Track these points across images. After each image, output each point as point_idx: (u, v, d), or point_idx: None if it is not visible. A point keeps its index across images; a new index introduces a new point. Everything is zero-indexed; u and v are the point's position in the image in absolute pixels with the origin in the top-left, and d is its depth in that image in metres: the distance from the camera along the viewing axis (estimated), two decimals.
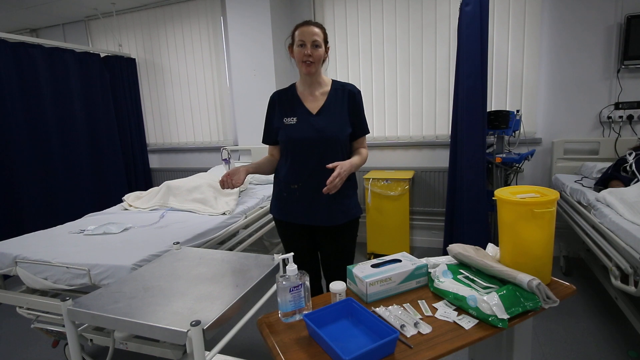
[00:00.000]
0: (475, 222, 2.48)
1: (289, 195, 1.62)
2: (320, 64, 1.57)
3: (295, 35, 1.52)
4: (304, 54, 1.50)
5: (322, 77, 1.63)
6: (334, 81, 1.64)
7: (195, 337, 0.92)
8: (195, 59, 3.91)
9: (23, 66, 3.03)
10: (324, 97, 1.60)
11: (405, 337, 0.93)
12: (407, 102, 3.31)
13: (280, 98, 1.65)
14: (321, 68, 1.60)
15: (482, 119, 2.44)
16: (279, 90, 1.69)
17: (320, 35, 1.51)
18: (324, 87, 1.62)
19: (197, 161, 4.14)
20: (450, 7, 3.05)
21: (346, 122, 1.58)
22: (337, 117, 1.57)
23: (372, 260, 1.22)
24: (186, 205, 2.33)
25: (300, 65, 1.55)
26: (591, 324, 2.14)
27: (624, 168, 2.22)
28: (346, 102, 1.59)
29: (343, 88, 1.61)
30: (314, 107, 1.59)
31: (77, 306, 1.09)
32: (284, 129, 1.59)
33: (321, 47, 1.52)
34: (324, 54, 1.56)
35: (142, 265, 1.48)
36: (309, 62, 1.51)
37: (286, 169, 1.62)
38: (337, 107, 1.58)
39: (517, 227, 1.12)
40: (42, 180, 3.18)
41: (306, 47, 1.49)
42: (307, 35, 1.49)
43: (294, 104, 1.61)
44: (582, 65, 2.82)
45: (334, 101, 1.59)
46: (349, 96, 1.59)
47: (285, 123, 1.59)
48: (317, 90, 1.61)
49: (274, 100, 1.66)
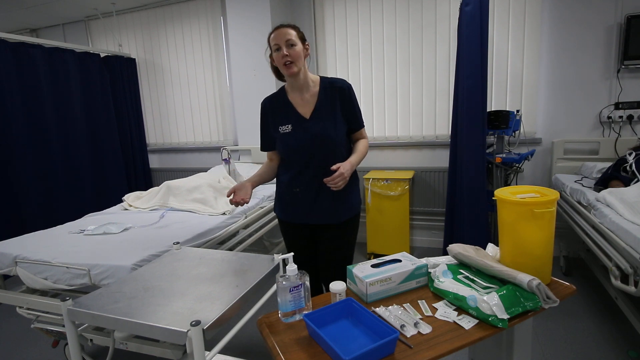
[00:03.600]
0: (475, 222, 2.48)
1: (291, 198, 1.63)
2: (302, 61, 1.52)
3: (270, 42, 1.51)
4: (282, 56, 1.47)
5: (309, 77, 1.58)
6: (322, 79, 1.60)
7: (195, 337, 0.92)
8: (195, 59, 3.91)
9: (23, 66, 3.03)
10: (314, 98, 1.57)
11: (405, 337, 0.93)
12: (407, 102, 3.31)
13: (272, 105, 1.63)
14: (306, 66, 1.56)
15: (482, 119, 2.44)
16: (269, 96, 1.66)
17: (294, 34, 1.48)
18: (312, 87, 1.58)
19: (197, 161, 4.14)
20: (450, 7, 3.05)
21: (340, 121, 1.56)
22: (330, 117, 1.55)
23: (372, 260, 1.22)
24: (186, 205, 2.33)
25: (282, 69, 1.52)
26: (591, 324, 2.14)
27: (624, 168, 2.22)
28: (337, 100, 1.57)
29: (332, 85, 1.58)
30: (306, 112, 1.57)
31: (77, 306, 1.09)
32: (280, 138, 1.58)
33: (297, 45, 1.48)
34: (302, 50, 1.51)
35: (142, 265, 1.48)
36: (289, 63, 1.48)
37: (287, 174, 1.63)
38: (329, 107, 1.56)
39: (517, 227, 1.12)
40: (42, 180, 3.18)
41: (282, 50, 1.47)
42: (279, 37, 1.47)
43: (286, 111, 1.59)
44: (582, 65, 2.82)
45: (325, 101, 1.57)
46: (340, 93, 1.57)
47: (280, 132, 1.58)
48: (306, 93, 1.58)
49: (266, 108, 1.65)
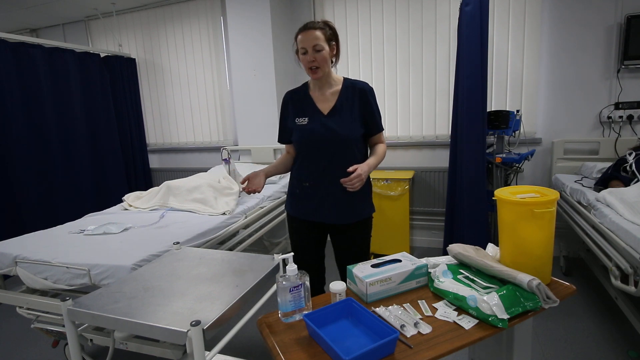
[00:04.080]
0: (475, 222, 2.48)
1: (301, 192, 1.65)
2: (328, 65, 1.56)
3: (297, 43, 1.54)
4: (308, 61, 1.52)
5: (333, 77, 1.63)
6: (345, 79, 1.64)
7: (195, 337, 0.92)
8: (195, 59, 3.91)
9: (23, 66, 3.03)
10: (335, 96, 1.60)
11: (405, 337, 0.93)
12: (407, 102, 3.31)
13: (293, 98, 1.67)
14: (331, 67, 1.60)
15: (482, 119, 2.44)
16: (292, 90, 1.70)
17: (321, 37, 1.50)
18: (334, 86, 1.62)
19: (197, 161, 4.13)
20: (450, 7, 3.05)
21: (357, 122, 1.59)
22: (348, 117, 1.58)
23: (372, 260, 1.22)
24: (186, 205, 2.33)
25: (308, 72, 1.57)
26: (591, 324, 2.14)
27: (624, 168, 2.22)
28: (357, 101, 1.59)
29: (354, 86, 1.61)
30: (325, 108, 1.60)
31: (77, 306, 1.09)
32: (296, 129, 1.62)
33: (324, 49, 1.51)
34: (329, 54, 1.54)
35: (142, 265, 1.48)
36: (314, 68, 1.53)
37: (298, 167, 1.66)
38: (349, 107, 1.59)
39: (517, 227, 1.12)
40: (42, 180, 3.18)
41: (308, 54, 1.50)
42: (307, 41, 1.49)
43: (305, 104, 1.63)
44: (582, 65, 2.82)
45: (345, 101, 1.59)
46: (360, 94, 1.59)
47: (297, 123, 1.61)
48: (327, 90, 1.61)
49: (287, 101, 1.69)
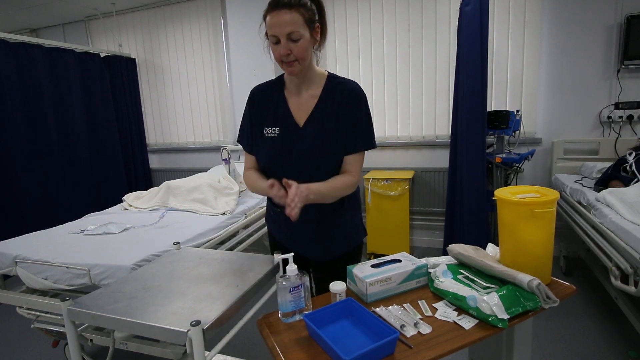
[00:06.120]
0: (475, 222, 2.48)
1: (275, 216, 1.36)
2: (308, 56, 1.15)
3: (266, 26, 1.11)
4: (279, 54, 1.11)
5: (315, 71, 1.23)
6: (330, 76, 1.24)
7: (195, 337, 0.92)
8: (195, 59, 3.91)
9: (23, 66, 3.03)
10: (315, 100, 1.22)
11: (405, 337, 0.93)
12: (407, 102, 3.30)
13: (263, 97, 1.27)
14: (313, 60, 1.20)
15: (482, 119, 2.44)
16: (262, 86, 1.30)
17: (299, 21, 1.08)
18: (315, 86, 1.23)
19: (197, 161, 4.13)
20: (450, 7, 3.05)
21: (339, 136, 1.20)
22: (330, 129, 1.20)
23: (372, 260, 1.22)
24: (186, 205, 2.33)
25: (281, 66, 1.16)
26: (591, 324, 2.14)
27: (624, 168, 2.22)
28: (344, 106, 1.20)
29: (341, 87, 1.21)
30: (301, 117, 1.22)
31: (77, 306, 1.08)
32: (264, 143, 1.25)
33: (303, 37, 1.09)
34: (309, 42, 1.12)
35: (142, 265, 1.49)
36: (290, 62, 1.12)
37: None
38: (331, 116, 1.20)
39: (517, 227, 1.12)
40: (42, 180, 3.18)
41: (281, 44, 1.09)
42: (278, 27, 1.07)
43: (278, 109, 1.24)
44: (582, 65, 2.82)
45: (325, 106, 1.21)
46: (349, 98, 1.20)
47: (265, 135, 1.24)
48: (306, 91, 1.23)
49: (254, 99, 1.28)
